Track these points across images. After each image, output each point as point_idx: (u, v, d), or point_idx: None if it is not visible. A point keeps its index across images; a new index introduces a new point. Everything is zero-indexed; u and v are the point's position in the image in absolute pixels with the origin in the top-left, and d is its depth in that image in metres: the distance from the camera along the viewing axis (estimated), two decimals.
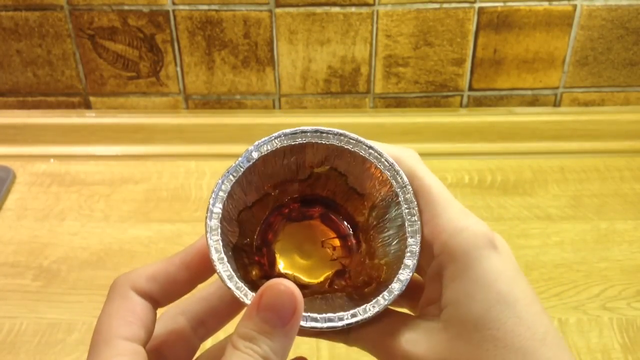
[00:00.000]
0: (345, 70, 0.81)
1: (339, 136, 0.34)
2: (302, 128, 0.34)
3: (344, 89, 0.83)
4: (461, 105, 0.85)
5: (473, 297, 0.29)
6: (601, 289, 0.66)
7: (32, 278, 0.67)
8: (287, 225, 0.35)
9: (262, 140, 0.34)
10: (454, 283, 0.30)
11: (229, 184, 0.33)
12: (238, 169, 0.33)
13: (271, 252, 0.35)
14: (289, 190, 0.36)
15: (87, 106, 0.84)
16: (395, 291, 0.32)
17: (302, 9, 0.77)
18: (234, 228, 0.33)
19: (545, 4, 0.77)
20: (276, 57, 0.80)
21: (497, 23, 0.78)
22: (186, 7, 0.77)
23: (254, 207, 0.35)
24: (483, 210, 0.74)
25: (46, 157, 0.81)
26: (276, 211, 0.36)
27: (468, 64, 0.81)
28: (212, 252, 0.31)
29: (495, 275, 0.30)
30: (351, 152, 0.34)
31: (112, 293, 0.32)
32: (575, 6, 0.77)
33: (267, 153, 0.33)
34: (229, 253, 0.32)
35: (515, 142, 0.83)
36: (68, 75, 0.81)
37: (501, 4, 0.77)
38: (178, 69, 0.81)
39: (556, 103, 0.85)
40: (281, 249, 0.35)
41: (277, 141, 0.34)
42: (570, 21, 0.78)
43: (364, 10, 0.77)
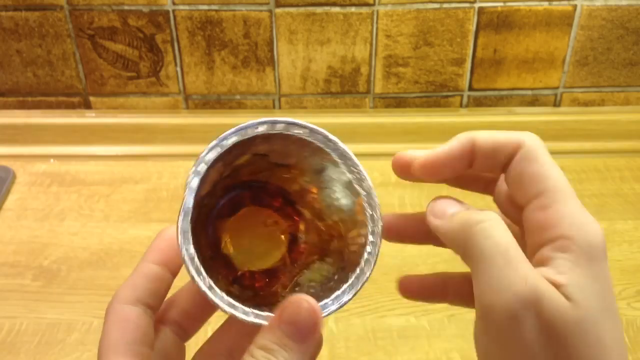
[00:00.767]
0: (345, 70, 0.81)
1: (268, 124, 0.33)
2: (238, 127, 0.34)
3: (344, 89, 0.83)
4: (461, 105, 0.85)
5: (598, 292, 0.28)
6: None
7: (32, 278, 0.67)
8: (225, 223, 0.34)
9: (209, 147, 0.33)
10: (581, 270, 0.28)
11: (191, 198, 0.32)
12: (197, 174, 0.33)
13: (227, 257, 0.35)
14: (217, 191, 0.35)
15: (87, 106, 0.84)
16: (371, 235, 0.33)
17: (302, 9, 0.77)
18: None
19: (545, 4, 0.77)
20: (276, 57, 0.80)
21: (497, 23, 0.78)
22: (186, 7, 0.77)
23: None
24: None
25: (46, 157, 0.81)
26: (209, 218, 0.35)
27: (468, 64, 0.81)
28: (207, 292, 0.30)
29: (608, 279, 0.29)
30: (275, 135, 0.33)
31: (106, 316, 0.33)
32: (575, 6, 0.77)
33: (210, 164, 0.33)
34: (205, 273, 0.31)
35: None
36: (68, 75, 0.81)
37: (501, 4, 0.77)
38: (178, 69, 0.81)
39: (556, 103, 0.85)
40: (234, 250, 0.35)
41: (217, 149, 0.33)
42: (570, 21, 0.78)
43: (364, 10, 0.77)
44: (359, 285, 0.32)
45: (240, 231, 0.36)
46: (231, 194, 0.36)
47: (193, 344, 0.36)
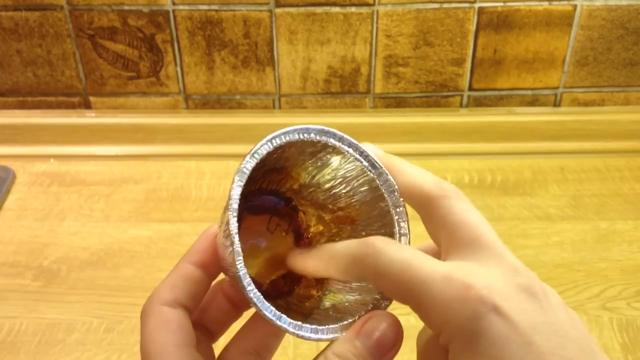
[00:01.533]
0: (345, 70, 0.81)
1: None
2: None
3: (344, 89, 0.83)
4: (461, 105, 0.85)
5: None
6: (601, 289, 0.66)
7: (32, 278, 0.67)
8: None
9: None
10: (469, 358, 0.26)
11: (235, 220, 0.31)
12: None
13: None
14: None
15: (87, 106, 0.84)
16: (393, 209, 0.33)
17: (302, 9, 0.77)
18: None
19: (545, 4, 0.77)
20: (276, 57, 0.80)
21: (497, 23, 0.78)
22: (186, 7, 0.77)
23: None
24: (483, 210, 0.74)
25: (46, 157, 0.81)
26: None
27: (468, 64, 0.81)
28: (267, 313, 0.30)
29: (501, 344, 0.25)
30: (282, 146, 0.33)
31: (144, 317, 0.32)
32: (575, 6, 0.77)
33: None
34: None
35: (515, 142, 0.83)
36: (68, 75, 0.81)
37: (501, 4, 0.77)
38: (178, 69, 0.81)
39: (556, 103, 0.85)
40: (250, 266, 0.35)
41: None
42: (570, 21, 0.78)
43: (364, 10, 0.77)
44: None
45: (248, 246, 0.36)
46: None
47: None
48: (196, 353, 0.31)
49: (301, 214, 0.37)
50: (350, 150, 0.34)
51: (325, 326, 0.30)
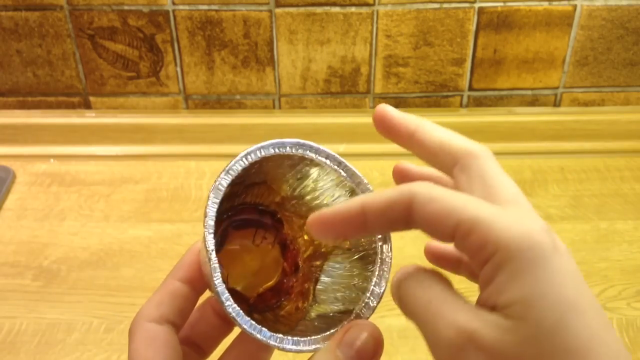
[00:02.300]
0: (345, 70, 0.81)
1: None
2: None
3: (344, 89, 0.83)
4: (461, 105, 0.85)
5: (546, 299, 0.26)
6: (601, 289, 0.66)
7: (32, 278, 0.67)
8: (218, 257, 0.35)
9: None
10: (520, 280, 0.26)
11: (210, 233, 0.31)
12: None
13: (234, 292, 0.35)
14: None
15: (87, 106, 0.84)
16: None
17: (302, 9, 0.77)
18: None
19: (545, 4, 0.77)
20: (276, 57, 0.80)
21: (497, 23, 0.78)
22: (186, 7, 0.77)
23: None
24: None
25: (46, 157, 0.81)
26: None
27: (468, 64, 0.81)
28: (239, 319, 0.30)
29: (561, 278, 0.26)
30: (259, 161, 0.33)
31: (131, 334, 0.32)
32: (575, 6, 0.77)
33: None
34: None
35: (515, 142, 0.83)
36: (68, 75, 0.81)
37: (501, 4, 0.77)
38: (178, 69, 0.81)
39: (556, 103, 0.85)
40: (237, 280, 0.35)
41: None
42: (570, 21, 0.78)
43: (364, 10, 0.77)
44: (386, 273, 0.33)
45: (234, 260, 0.36)
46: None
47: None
48: None
49: (286, 226, 0.37)
50: (327, 161, 0.34)
51: (307, 337, 0.30)
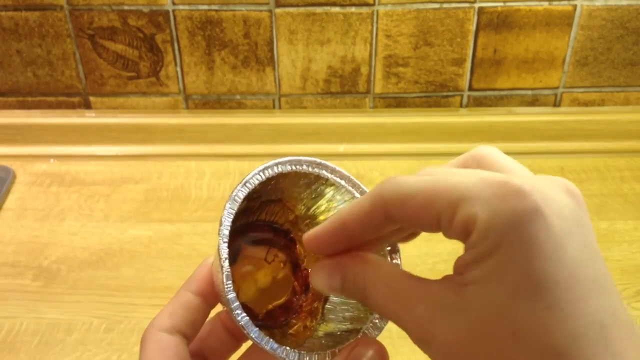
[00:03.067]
0: (345, 70, 0.81)
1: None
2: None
3: (344, 89, 0.83)
4: (461, 105, 0.85)
5: (500, 280, 0.24)
6: None
7: (32, 278, 0.67)
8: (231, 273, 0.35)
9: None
10: (483, 260, 0.25)
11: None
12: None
13: (243, 307, 0.35)
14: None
15: (87, 106, 0.84)
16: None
17: (302, 9, 0.77)
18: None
19: (545, 4, 0.77)
20: (276, 57, 0.80)
21: (497, 23, 0.78)
22: (186, 7, 0.77)
23: None
24: None
25: (46, 157, 0.81)
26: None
27: (468, 64, 0.81)
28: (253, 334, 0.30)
29: (528, 250, 0.24)
30: (276, 177, 0.34)
31: (143, 342, 0.33)
32: (575, 6, 0.77)
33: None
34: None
35: (515, 142, 0.83)
36: (68, 75, 0.81)
37: (501, 4, 0.77)
38: (178, 69, 0.81)
39: (556, 103, 0.85)
40: (247, 296, 0.35)
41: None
42: (570, 21, 0.78)
43: (364, 10, 0.77)
44: None
45: (246, 275, 0.36)
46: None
47: None
48: None
49: (299, 246, 0.37)
50: (342, 182, 0.34)
51: (313, 352, 0.31)
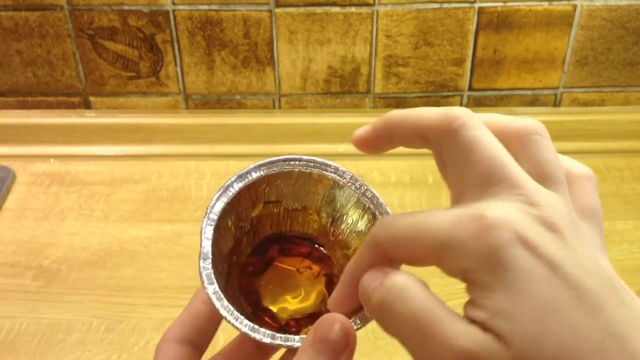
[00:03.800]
0: (345, 70, 0.81)
1: (258, 168, 0.34)
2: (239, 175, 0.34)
3: (344, 89, 0.83)
4: (461, 105, 0.85)
5: (518, 308, 0.23)
6: None
7: (32, 278, 0.67)
8: (260, 278, 0.35)
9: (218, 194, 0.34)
10: (491, 293, 0.24)
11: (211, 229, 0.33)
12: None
13: (269, 311, 0.35)
14: (244, 248, 0.36)
15: (87, 106, 0.84)
16: None
17: (302, 9, 0.77)
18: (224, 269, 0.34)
19: (545, 4, 0.77)
20: (276, 57, 0.80)
21: (497, 23, 0.78)
22: (186, 7, 0.77)
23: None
24: None
25: (46, 157, 0.81)
26: (243, 277, 0.36)
27: (468, 64, 0.81)
28: (222, 311, 0.31)
29: (529, 280, 0.24)
30: (277, 175, 0.34)
31: (156, 354, 0.33)
32: (575, 6, 0.77)
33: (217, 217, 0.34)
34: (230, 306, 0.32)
35: None
36: (68, 75, 0.81)
37: (501, 4, 0.77)
38: (178, 69, 0.81)
39: (556, 103, 0.85)
40: (274, 303, 0.36)
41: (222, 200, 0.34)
42: (570, 21, 0.78)
43: (364, 10, 0.77)
44: None
45: (276, 283, 0.36)
46: (260, 250, 0.37)
47: None
48: None
49: (333, 259, 0.37)
50: (344, 180, 0.35)
51: (281, 334, 0.31)
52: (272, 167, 0.34)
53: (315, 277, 0.37)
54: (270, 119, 0.83)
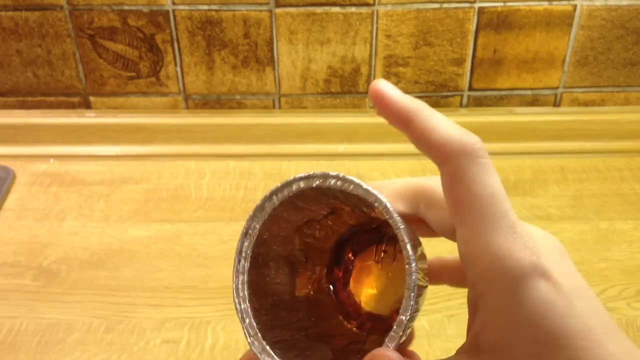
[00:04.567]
0: (345, 70, 0.81)
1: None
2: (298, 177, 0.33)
3: (344, 89, 0.83)
4: (461, 105, 0.85)
5: (517, 341, 0.25)
6: (601, 289, 0.66)
7: (32, 278, 0.67)
8: (348, 290, 0.35)
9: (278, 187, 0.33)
10: (494, 321, 0.25)
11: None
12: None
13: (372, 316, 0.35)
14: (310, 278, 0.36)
15: (87, 106, 0.84)
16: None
17: (302, 9, 0.77)
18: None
19: (545, 4, 0.77)
20: (276, 57, 0.80)
21: (497, 23, 0.78)
22: (186, 7, 0.77)
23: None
24: None
25: (46, 157, 0.81)
26: (334, 293, 0.36)
27: (468, 64, 0.81)
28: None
29: (543, 311, 0.24)
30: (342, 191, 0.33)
31: None
32: (575, 6, 0.77)
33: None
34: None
35: (515, 142, 0.83)
36: (68, 75, 0.81)
37: (501, 4, 0.77)
38: (178, 69, 0.81)
39: (556, 103, 0.85)
40: (371, 306, 0.36)
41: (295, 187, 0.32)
42: (570, 21, 0.78)
43: (364, 10, 0.77)
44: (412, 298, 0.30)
45: (361, 286, 0.36)
46: (335, 262, 0.36)
47: None
48: None
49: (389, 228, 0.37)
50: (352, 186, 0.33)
51: None
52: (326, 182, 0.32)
53: (393, 261, 0.36)
54: (270, 119, 0.83)
